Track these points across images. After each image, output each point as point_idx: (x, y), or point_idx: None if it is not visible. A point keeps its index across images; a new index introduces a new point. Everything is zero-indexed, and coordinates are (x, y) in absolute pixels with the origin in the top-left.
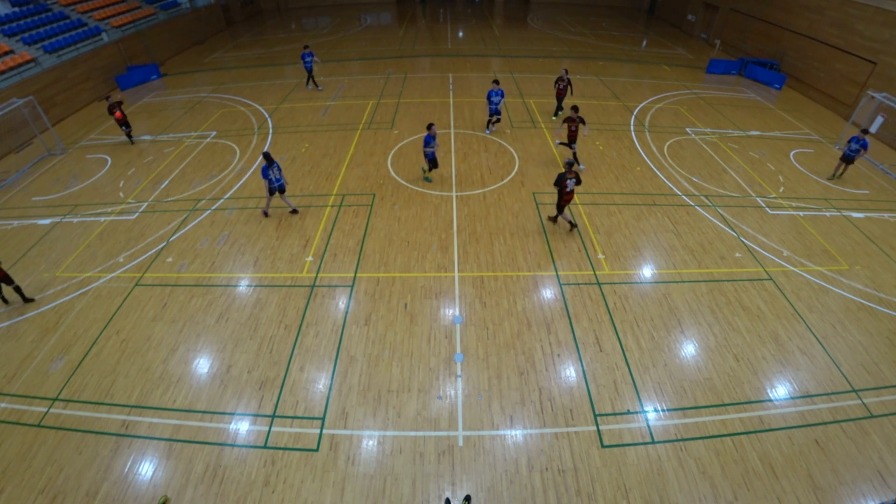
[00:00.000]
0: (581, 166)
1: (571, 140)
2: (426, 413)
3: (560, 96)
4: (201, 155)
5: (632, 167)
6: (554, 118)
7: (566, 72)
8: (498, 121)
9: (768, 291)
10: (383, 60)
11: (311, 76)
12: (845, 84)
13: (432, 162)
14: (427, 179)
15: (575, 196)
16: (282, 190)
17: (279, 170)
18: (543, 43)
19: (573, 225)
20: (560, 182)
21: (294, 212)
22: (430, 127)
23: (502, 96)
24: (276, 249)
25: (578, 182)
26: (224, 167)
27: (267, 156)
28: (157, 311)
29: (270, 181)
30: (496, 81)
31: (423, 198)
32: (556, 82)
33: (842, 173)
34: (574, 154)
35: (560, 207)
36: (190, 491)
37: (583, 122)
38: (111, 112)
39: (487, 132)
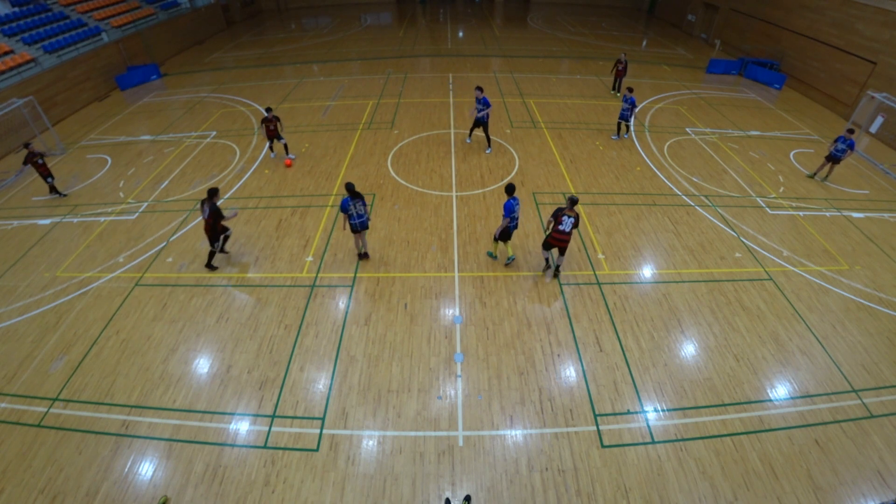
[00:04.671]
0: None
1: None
2: (426, 413)
3: (618, 77)
4: (201, 155)
5: (632, 167)
6: (613, 93)
7: (624, 55)
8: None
9: (768, 291)
10: (383, 60)
11: (483, 126)
12: (845, 84)
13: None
14: (492, 256)
15: None
16: (363, 227)
17: (364, 205)
18: (543, 43)
19: (550, 268)
20: (556, 216)
21: (362, 256)
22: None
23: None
24: (276, 249)
25: (576, 225)
26: (224, 167)
27: (349, 188)
28: (157, 311)
29: (350, 216)
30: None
31: (423, 198)
32: (616, 64)
33: (827, 174)
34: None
35: (546, 244)
36: (190, 491)
37: None
38: (27, 162)
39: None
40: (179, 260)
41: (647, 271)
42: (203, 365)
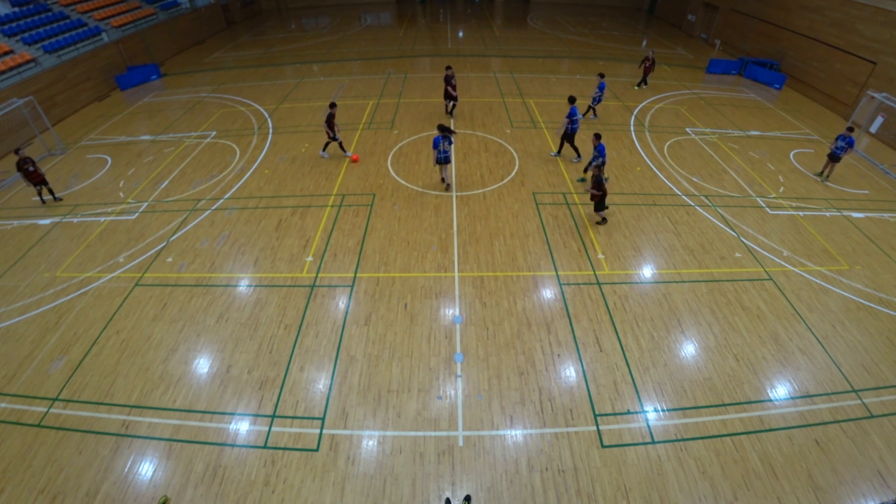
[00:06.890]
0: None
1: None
2: (426, 413)
3: (646, 73)
4: (201, 155)
5: (632, 167)
6: (636, 88)
7: (652, 52)
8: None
9: (768, 291)
10: (383, 60)
11: (568, 138)
12: (845, 84)
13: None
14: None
15: (576, 196)
16: (446, 161)
17: (450, 143)
18: (543, 43)
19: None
20: (601, 184)
21: (448, 187)
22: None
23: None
24: (276, 249)
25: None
26: (224, 167)
27: (441, 127)
28: (157, 311)
29: (438, 151)
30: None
31: (423, 198)
32: (643, 61)
33: (829, 173)
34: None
35: (603, 204)
36: (190, 491)
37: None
38: (19, 168)
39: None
40: (179, 260)
41: (647, 271)
42: (203, 365)
